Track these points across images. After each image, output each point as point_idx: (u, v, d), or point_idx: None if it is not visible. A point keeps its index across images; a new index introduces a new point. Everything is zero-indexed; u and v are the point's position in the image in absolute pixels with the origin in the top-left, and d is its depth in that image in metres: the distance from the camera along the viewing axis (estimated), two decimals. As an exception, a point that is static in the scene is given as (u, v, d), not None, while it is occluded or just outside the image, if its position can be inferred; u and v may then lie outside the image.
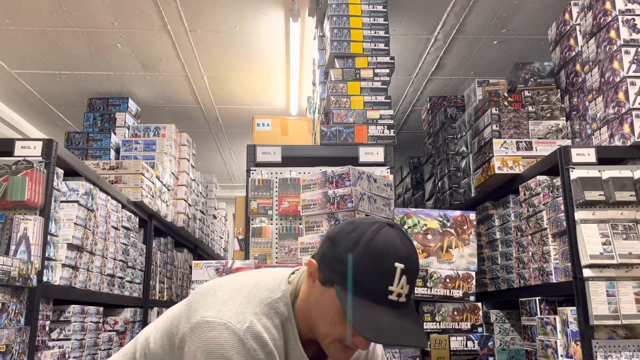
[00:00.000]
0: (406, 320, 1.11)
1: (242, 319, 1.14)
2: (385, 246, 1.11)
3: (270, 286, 1.23)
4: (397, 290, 1.10)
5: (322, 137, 3.13)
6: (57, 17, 4.15)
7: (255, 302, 1.19)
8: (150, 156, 4.50)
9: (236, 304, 1.17)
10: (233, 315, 1.14)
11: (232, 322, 1.13)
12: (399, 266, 1.09)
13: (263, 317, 1.17)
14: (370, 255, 1.10)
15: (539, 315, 2.76)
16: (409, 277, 1.11)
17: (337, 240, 1.15)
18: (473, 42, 4.55)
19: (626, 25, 2.74)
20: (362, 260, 1.10)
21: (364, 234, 1.12)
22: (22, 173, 2.30)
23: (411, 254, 1.13)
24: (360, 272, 1.10)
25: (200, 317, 1.15)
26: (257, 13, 4.15)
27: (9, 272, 1.93)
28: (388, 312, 1.09)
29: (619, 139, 2.70)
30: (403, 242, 1.13)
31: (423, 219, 2.67)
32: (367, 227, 1.14)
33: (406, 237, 1.16)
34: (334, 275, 1.13)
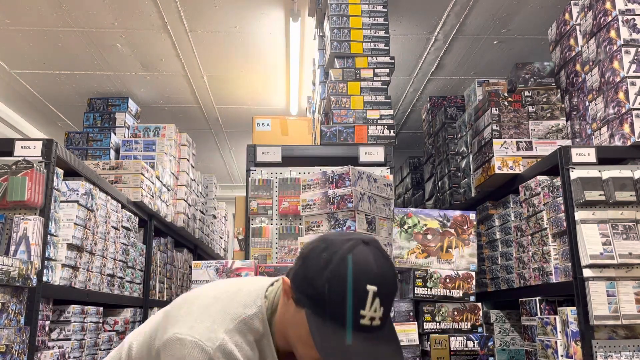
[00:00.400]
0: (380, 344, 1.06)
1: (213, 337, 1.12)
2: (357, 267, 1.05)
3: (246, 301, 1.20)
4: (369, 314, 1.04)
5: (322, 137, 3.13)
6: (57, 17, 4.15)
7: (229, 318, 1.16)
8: (150, 156, 4.50)
9: (209, 320, 1.15)
10: (204, 332, 1.12)
11: (203, 340, 1.11)
12: (371, 289, 1.04)
13: (236, 335, 1.14)
14: (340, 278, 1.05)
15: (539, 315, 2.75)
16: (382, 298, 1.05)
17: (309, 260, 1.11)
18: (473, 42, 4.55)
19: (626, 25, 2.73)
20: (332, 284, 1.05)
21: (335, 254, 1.07)
22: (22, 173, 2.30)
23: (386, 272, 1.08)
24: (330, 296, 1.05)
25: (172, 333, 1.14)
26: (257, 13, 4.15)
27: (9, 272, 1.93)
28: (360, 338, 1.04)
29: (619, 139, 2.70)
30: (378, 261, 1.08)
31: (423, 219, 2.67)
32: (340, 246, 1.08)
33: (382, 255, 1.10)
34: (304, 298, 1.09)
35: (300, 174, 2.92)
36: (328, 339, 1.04)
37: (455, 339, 2.43)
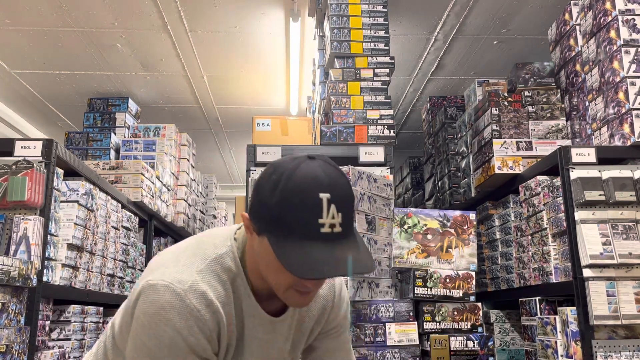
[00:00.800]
0: (345, 250, 1.04)
1: (184, 279, 1.11)
2: (305, 180, 1.04)
3: (216, 242, 1.19)
4: (328, 221, 1.03)
5: (322, 137, 3.13)
6: (57, 17, 4.15)
7: (200, 259, 1.15)
8: (150, 156, 4.50)
9: (180, 264, 1.14)
10: (175, 275, 1.11)
11: (174, 283, 1.10)
12: (324, 196, 1.03)
13: (208, 275, 1.13)
14: (291, 193, 1.03)
15: (539, 315, 2.75)
16: (338, 205, 1.04)
17: (260, 186, 1.09)
18: (473, 42, 4.55)
19: (626, 25, 2.74)
20: (284, 200, 1.04)
21: (283, 173, 1.05)
22: (22, 173, 2.30)
23: (337, 180, 1.06)
24: (284, 212, 1.03)
25: (145, 281, 1.13)
26: (257, 13, 4.15)
27: (9, 272, 1.93)
28: (323, 246, 1.03)
29: (619, 139, 2.70)
30: (326, 171, 1.06)
31: (423, 219, 2.67)
32: (286, 166, 1.07)
33: (330, 166, 1.09)
34: (264, 223, 1.07)
35: (300, 174, 2.92)
36: (293, 254, 1.02)
37: (455, 339, 2.43)
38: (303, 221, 1.03)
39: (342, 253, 1.04)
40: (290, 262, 1.02)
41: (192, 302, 1.09)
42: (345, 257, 1.04)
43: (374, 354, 2.40)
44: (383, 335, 2.43)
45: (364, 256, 1.07)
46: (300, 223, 1.03)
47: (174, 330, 1.08)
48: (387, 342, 2.43)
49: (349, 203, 1.08)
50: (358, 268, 1.04)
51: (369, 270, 1.06)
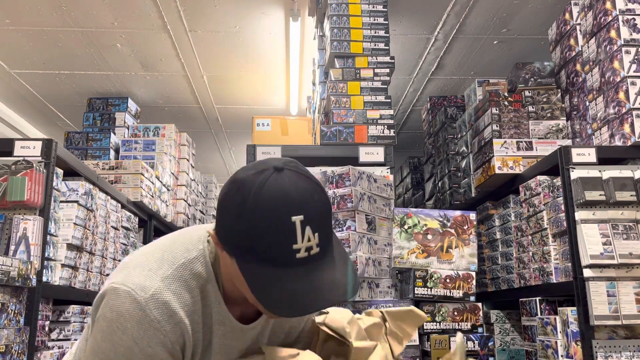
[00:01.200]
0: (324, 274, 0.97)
1: (147, 285, 1.03)
2: (274, 201, 0.94)
3: (187, 245, 1.10)
4: (303, 245, 0.94)
5: (322, 137, 3.13)
6: (56, 17, 4.14)
7: (168, 264, 1.07)
8: (150, 156, 4.49)
9: (146, 268, 1.06)
10: (139, 280, 1.04)
11: (136, 290, 1.02)
12: (296, 219, 0.93)
13: (174, 282, 1.05)
14: (260, 219, 0.94)
15: (539, 315, 2.75)
16: (313, 225, 0.95)
17: (225, 208, 1.00)
18: (473, 42, 4.55)
19: (626, 25, 2.73)
20: (253, 228, 0.94)
21: (248, 194, 0.95)
22: (22, 173, 2.29)
23: (309, 196, 0.97)
24: (254, 240, 0.95)
25: (109, 283, 1.06)
26: (257, 13, 4.15)
27: (9, 272, 1.92)
28: (300, 274, 0.95)
29: (619, 139, 2.70)
30: (297, 185, 0.96)
31: (423, 219, 2.67)
32: (252, 183, 0.96)
33: (301, 176, 0.99)
34: (231, 247, 1.00)
35: (300, 174, 2.91)
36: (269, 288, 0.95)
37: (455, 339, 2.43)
38: (276, 249, 0.94)
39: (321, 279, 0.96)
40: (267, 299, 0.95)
41: (152, 313, 1.02)
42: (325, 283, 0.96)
43: (374, 354, 2.40)
44: (383, 336, 2.43)
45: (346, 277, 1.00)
46: (273, 251, 0.94)
47: (131, 339, 1.02)
48: (387, 342, 2.42)
49: (325, 219, 0.99)
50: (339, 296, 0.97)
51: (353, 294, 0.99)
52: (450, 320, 2.51)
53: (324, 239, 0.98)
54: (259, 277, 0.96)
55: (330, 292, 0.96)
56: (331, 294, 0.96)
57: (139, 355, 1.02)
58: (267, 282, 0.95)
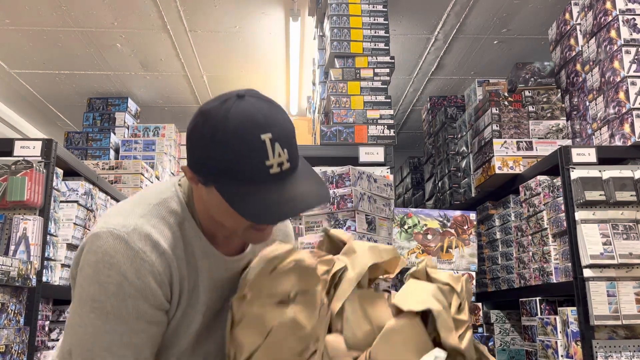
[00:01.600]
0: (297, 185, 1.04)
1: (127, 223, 1.06)
2: (242, 124, 1.00)
3: (159, 189, 1.17)
4: (275, 161, 1.01)
5: (322, 137, 3.13)
6: (56, 17, 4.14)
7: (144, 205, 1.12)
8: (150, 156, 4.49)
9: (123, 211, 1.10)
10: (119, 221, 1.07)
11: (117, 227, 1.05)
12: (265, 137, 1.00)
13: (152, 218, 1.09)
14: (231, 141, 1.00)
15: (539, 315, 2.75)
16: (281, 142, 1.02)
17: (195, 139, 1.05)
18: (473, 42, 4.55)
19: (626, 25, 2.73)
20: (226, 150, 1.00)
21: (217, 121, 1.01)
22: (22, 173, 2.29)
23: (274, 116, 1.03)
24: (229, 162, 1.01)
25: (89, 234, 1.08)
26: (257, 13, 4.15)
27: (9, 272, 1.92)
28: (275, 187, 1.02)
29: (619, 139, 2.70)
30: (259, 108, 1.03)
31: (423, 219, 2.67)
32: (218, 111, 1.03)
33: (262, 101, 1.05)
34: (209, 175, 1.04)
35: (300, 174, 2.91)
36: (247, 201, 1.01)
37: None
38: (250, 167, 1.00)
39: (296, 188, 1.04)
40: (247, 210, 1.01)
41: (136, 244, 1.04)
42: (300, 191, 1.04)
43: (374, 354, 2.40)
44: (383, 336, 2.43)
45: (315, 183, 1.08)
46: (248, 169, 1.01)
47: (120, 274, 1.02)
48: (387, 342, 2.42)
49: (291, 136, 1.06)
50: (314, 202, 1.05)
51: (325, 201, 1.07)
52: (450, 320, 2.51)
53: (292, 155, 1.04)
54: (237, 194, 1.02)
55: (303, 200, 1.04)
56: (304, 201, 1.04)
57: (129, 290, 1.03)
58: (245, 196, 1.01)
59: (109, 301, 1.02)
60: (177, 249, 1.10)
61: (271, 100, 1.07)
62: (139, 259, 1.04)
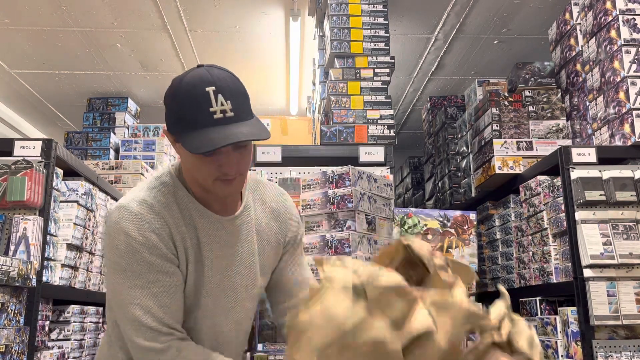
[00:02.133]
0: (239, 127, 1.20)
1: (128, 197, 1.31)
2: (192, 80, 1.22)
3: (157, 172, 1.39)
4: (218, 108, 1.20)
5: (322, 137, 3.13)
6: (56, 17, 4.14)
7: (143, 184, 1.36)
8: (150, 156, 4.49)
9: (129, 193, 1.35)
10: (124, 199, 1.32)
11: (121, 202, 1.30)
12: (209, 89, 1.20)
13: (148, 190, 1.32)
14: (183, 94, 1.22)
15: (539, 315, 2.75)
16: (225, 94, 1.21)
17: (165, 100, 1.28)
18: (473, 41, 4.54)
19: (627, 25, 2.73)
20: (179, 102, 1.23)
21: (176, 83, 1.25)
22: (22, 173, 2.29)
23: (220, 76, 1.23)
24: (181, 111, 1.22)
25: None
26: (257, 13, 4.15)
27: (9, 272, 1.92)
28: (218, 129, 1.19)
29: (619, 139, 2.70)
30: (210, 71, 1.24)
31: (423, 219, 2.67)
32: (178, 78, 1.26)
33: (216, 68, 1.25)
34: (172, 128, 1.26)
35: (300, 174, 2.92)
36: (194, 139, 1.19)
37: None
38: (196, 113, 1.20)
39: (235, 129, 1.20)
40: (192, 145, 1.19)
41: (134, 208, 1.27)
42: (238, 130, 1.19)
43: (374, 354, 2.40)
44: (383, 336, 2.42)
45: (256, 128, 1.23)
46: (195, 115, 1.20)
47: (124, 234, 1.25)
48: (387, 342, 2.42)
49: (237, 92, 1.24)
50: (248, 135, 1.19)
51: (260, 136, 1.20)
52: (451, 320, 2.51)
53: (237, 107, 1.22)
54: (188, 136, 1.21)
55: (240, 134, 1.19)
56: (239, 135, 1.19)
57: (136, 246, 1.25)
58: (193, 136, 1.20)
59: (124, 260, 1.25)
60: (172, 211, 1.31)
61: (228, 70, 1.28)
62: (138, 219, 1.27)
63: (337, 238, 2.43)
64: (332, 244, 2.44)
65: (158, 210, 1.29)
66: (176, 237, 1.29)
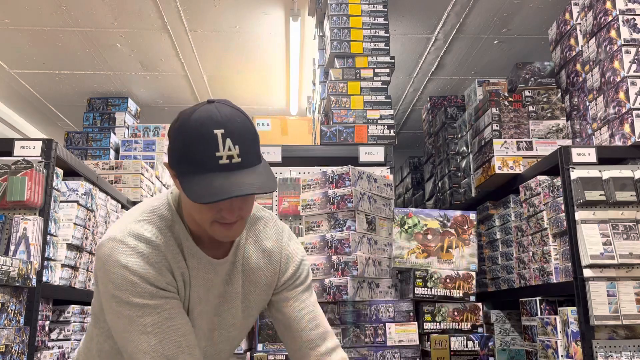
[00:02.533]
0: (244, 176, 1.14)
1: (123, 229, 1.23)
2: (201, 119, 1.15)
3: (153, 199, 1.32)
4: (225, 153, 1.13)
5: (322, 137, 3.13)
6: (56, 16, 4.14)
7: (138, 213, 1.27)
8: (150, 156, 4.49)
9: (120, 222, 1.27)
10: (116, 229, 1.24)
11: (114, 234, 1.22)
12: (218, 132, 1.13)
13: (144, 223, 1.24)
14: (189, 133, 1.14)
15: (539, 315, 2.75)
16: (234, 138, 1.14)
17: (169, 137, 1.21)
18: (473, 41, 4.55)
19: (626, 25, 2.73)
20: (184, 140, 1.15)
21: (183, 119, 1.17)
22: (22, 173, 2.29)
23: (231, 117, 1.16)
24: (186, 151, 1.15)
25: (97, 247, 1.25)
26: (257, 13, 4.15)
27: (9, 272, 1.92)
28: (223, 176, 1.13)
29: (619, 139, 2.70)
30: (221, 110, 1.16)
31: (423, 219, 2.67)
32: (186, 112, 1.18)
33: (227, 106, 1.18)
34: (175, 166, 1.19)
35: (300, 174, 2.92)
36: (195, 185, 1.13)
37: (455, 339, 2.43)
38: (202, 156, 1.13)
39: (240, 178, 1.13)
40: (192, 191, 1.13)
41: (131, 242, 1.20)
42: (242, 181, 1.13)
43: (374, 354, 2.40)
44: (383, 336, 2.42)
45: (263, 178, 1.16)
46: (200, 158, 1.13)
47: (121, 267, 1.18)
48: (387, 342, 2.42)
49: (246, 136, 1.16)
50: (254, 188, 1.12)
51: (266, 189, 1.14)
52: (451, 320, 2.51)
53: (245, 152, 1.15)
54: (188, 179, 1.15)
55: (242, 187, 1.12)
56: (243, 188, 1.12)
57: (134, 278, 1.18)
58: (194, 181, 1.14)
59: (123, 293, 1.18)
60: (170, 246, 1.24)
61: (238, 108, 1.20)
62: (135, 253, 1.20)
63: (337, 238, 2.43)
64: (332, 244, 2.44)
65: (156, 244, 1.23)
66: (176, 272, 1.25)
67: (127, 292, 1.17)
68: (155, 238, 1.22)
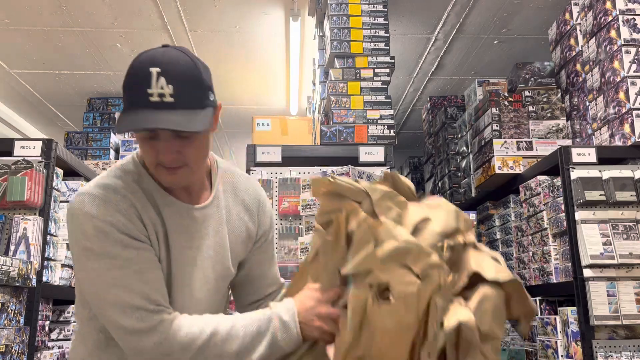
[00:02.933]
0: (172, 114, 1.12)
1: (90, 184, 1.24)
2: (143, 58, 1.16)
3: (120, 160, 1.34)
4: (156, 91, 1.12)
5: (322, 137, 3.13)
6: (56, 17, 4.14)
7: (105, 172, 1.29)
8: (150, 156, 4.49)
9: (90, 181, 1.28)
10: (85, 187, 1.25)
11: (83, 190, 1.23)
12: (154, 70, 1.13)
13: (110, 178, 1.25)
14: (130, 71, 1.16)
15: (539, 315, 2.75)
16: (168, 77, 1.13)
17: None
18: (473, 41, 4.54)
19: (626, 25, 2.73)
20: (125, 78, 1.17)
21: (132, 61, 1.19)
22: (22, 173, 2.29)
23: (174, 59, 1.16)
24: (124, 87, 1.17)
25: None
26: (257, 13, 4.15)
27: (9, 272, 1.92)
28: (151, 112, 1.12)
29: (619, 139, 2.70)
30: (167, 53, 1.17)
31: (423, 219, 2.66)
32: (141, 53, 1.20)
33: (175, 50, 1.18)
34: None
35: (300, 174, 2.92)
36: (122, 119, 1.14)
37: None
38: (135, 92, 1.14)
39: (165, 116, 1.12)
40: (121, 125, 1.14)
41: (98, 193, 1.21)
42: (164, 117, 1.11)
43: (374, 354, 2.40)
44: (383, 336, 2.42)
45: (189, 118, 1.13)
46: (133, 94, 1.14)
47: (91, 217, 1.17)
48: (387, 342, 2.42)
49: (185, 78, 1.15)
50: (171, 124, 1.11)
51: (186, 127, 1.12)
52: (450, 320, 2.51)
53: (180, 93, 1.13)
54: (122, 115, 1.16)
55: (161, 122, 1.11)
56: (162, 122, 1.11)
57: (103, 226, 1.17)
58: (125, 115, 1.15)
59: (94, 243, 1.17)
60: (139, 198, 1.24)
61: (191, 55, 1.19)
62: (102, 201, 1.19)
63: (337, 238, 2.42)
64: (332, 244, 2.43)
65: (123, 193, 1.22)
66: (146, 221, 1.22)
67: (99, 242, 1.16)
68: (121, 188, 1.23)
